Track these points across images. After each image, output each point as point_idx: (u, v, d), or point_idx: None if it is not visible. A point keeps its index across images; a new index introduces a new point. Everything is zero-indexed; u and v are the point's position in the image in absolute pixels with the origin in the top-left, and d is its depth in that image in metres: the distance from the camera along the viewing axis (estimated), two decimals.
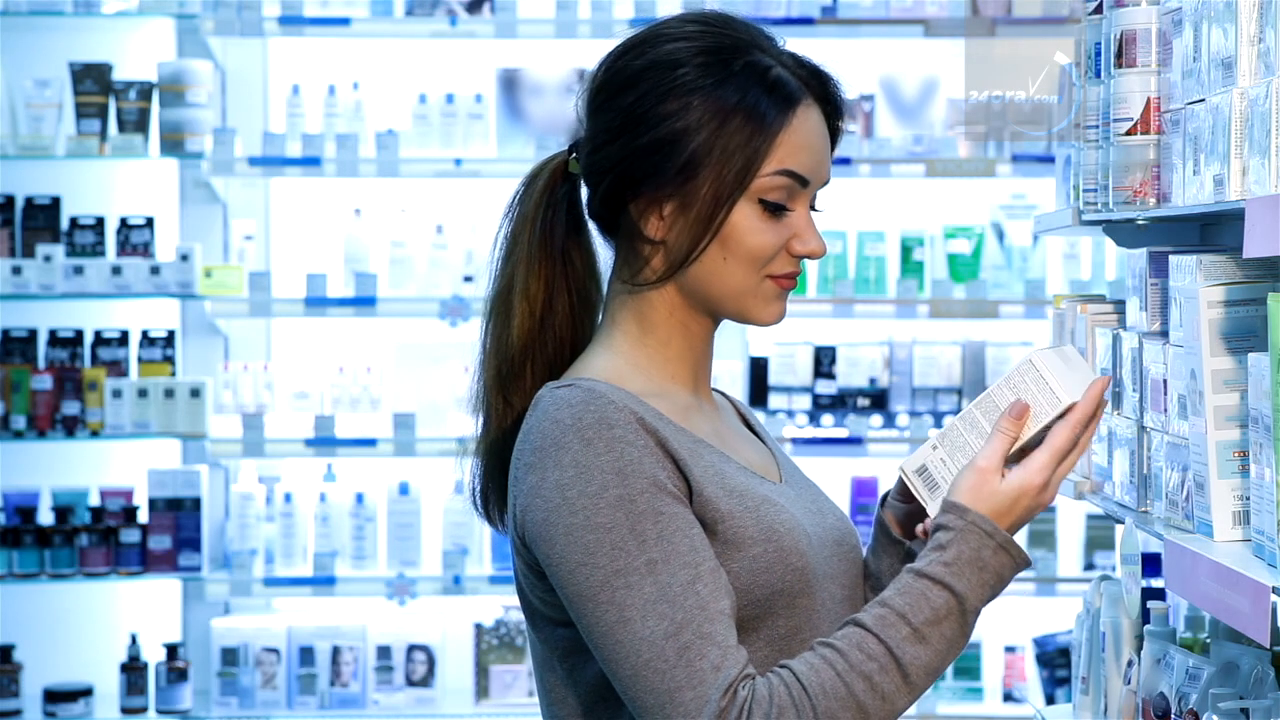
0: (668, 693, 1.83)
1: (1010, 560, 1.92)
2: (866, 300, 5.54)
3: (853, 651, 1.85)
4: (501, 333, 2.04)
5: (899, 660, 1.86)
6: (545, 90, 5.66)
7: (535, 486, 1.90)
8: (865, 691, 1.84)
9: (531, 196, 2.06)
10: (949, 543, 1.91)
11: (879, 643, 1.86)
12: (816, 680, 1.84)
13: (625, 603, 1.85)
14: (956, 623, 1.89)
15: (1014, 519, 1.94)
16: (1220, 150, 2.17)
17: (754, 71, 1.98)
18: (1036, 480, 1.94)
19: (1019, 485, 1.94)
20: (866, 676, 1.84)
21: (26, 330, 5.63)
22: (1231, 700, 2.31)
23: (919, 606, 1.88)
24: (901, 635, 1.86)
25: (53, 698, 5.45)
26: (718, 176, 1.96)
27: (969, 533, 1.91)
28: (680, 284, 2.01)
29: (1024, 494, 1.94)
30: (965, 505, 1.93)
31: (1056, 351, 2.00)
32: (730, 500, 1.93)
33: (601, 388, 1.92)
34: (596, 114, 2.02)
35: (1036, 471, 1.95)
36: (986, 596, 1.91)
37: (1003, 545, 1.92)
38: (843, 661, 1.85)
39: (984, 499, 1.93)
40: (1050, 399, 1.97)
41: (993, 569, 1.91)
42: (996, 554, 1.91)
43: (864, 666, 1.85)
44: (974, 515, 1.92)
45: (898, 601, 1.88)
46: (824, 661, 1.85)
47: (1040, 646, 5.43)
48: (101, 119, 5.59)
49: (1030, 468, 1.95)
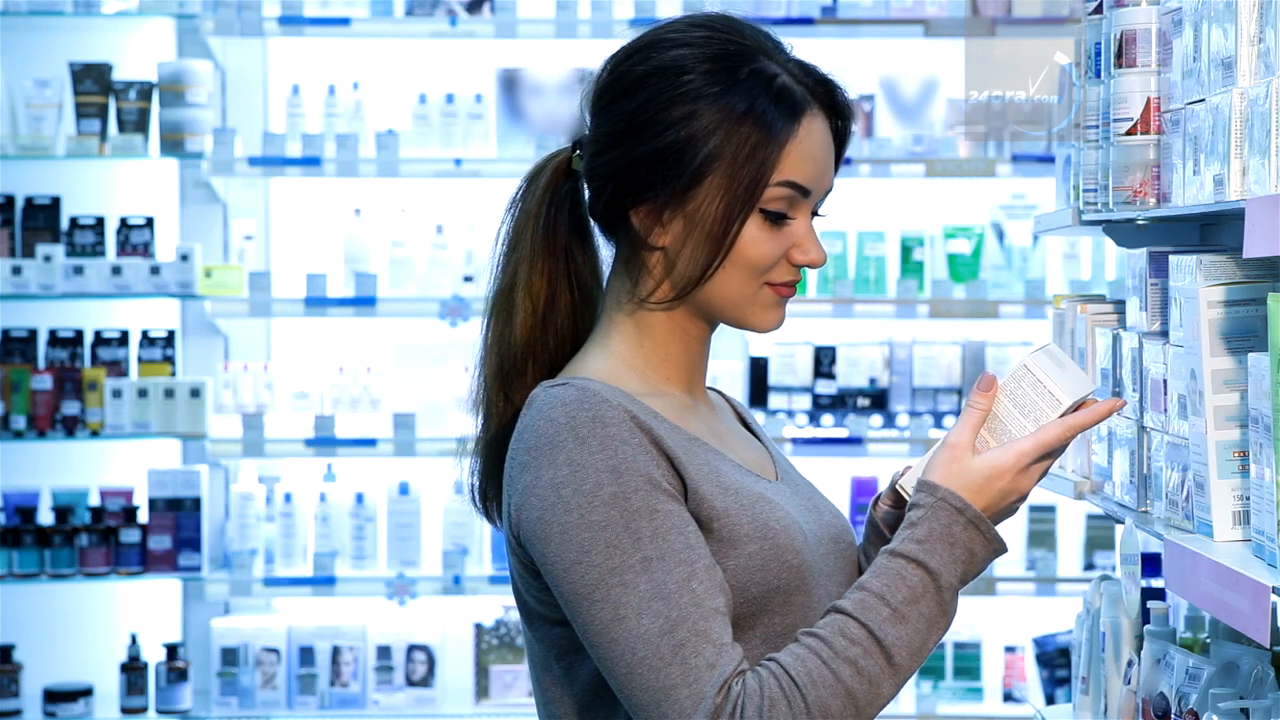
0: (663, 690, 1.83)
1: (980, 536, 1.91)
2: (866, 300, 5.54)
3: (836, 638, 1.85)
4: (504, 330, 2.04)
5: (881, 642, 1.85)
6: (545, 90, 5.66)
7: (530, 485, 1.90)
8: (852, 676, 1.84)
9: (534, 193, 2.06)
10: (920, 520, 1.91)
11: (860, 626, 1.86)
12: (804, 670, 1.84)
13: (620, 600, 1.85)
14: (934, 600, 1.88)
15: (989, 500, 1.93)
16: (1220, 150, 2.17)
17: (760, 80, 1.96)
18: (1010, 462, 1.93)
19: (992, 464, 1.93)
20: (852, 661, 1.84)
21: (26, 330, 5.63)
22: (1231, 700, 2.31)
23: (896, 587, 1.87)
24: (882, 617, 1.86)
25: (53, 698, 5.45)
26: (726, 190, 1.94)
27: (939, 509, 1.91)
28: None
29: (997, 474, 1.93)
30: (935, 482, 1.93)
31: (1044, 352, 2.00)
32: (725, 498, 1.93)
33: (596, 386, 1.92)
34: (599, 117, 2.01)
35: (1014, 454, 1.94)
36: (959, 573, 1.90)
37: (973, 521, 1.91)
38: (827, 649, 1.85)
39: (954, 475, 1.93)
40: (1050, 401, 1.97)
41: (963, 544, 1.90)
42: (966, 529, 1.90)
43: (848, 652, 1.84)
44: (944, 491, 1.91)
45: (874, 584, 1.88)
46: (809, 651, 1.85)
47: (1040, 646, 5.43)
48: (101, 119, 5.59)
49: (1009, 450, 1.94)
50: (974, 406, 1.97)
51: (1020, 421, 1.98)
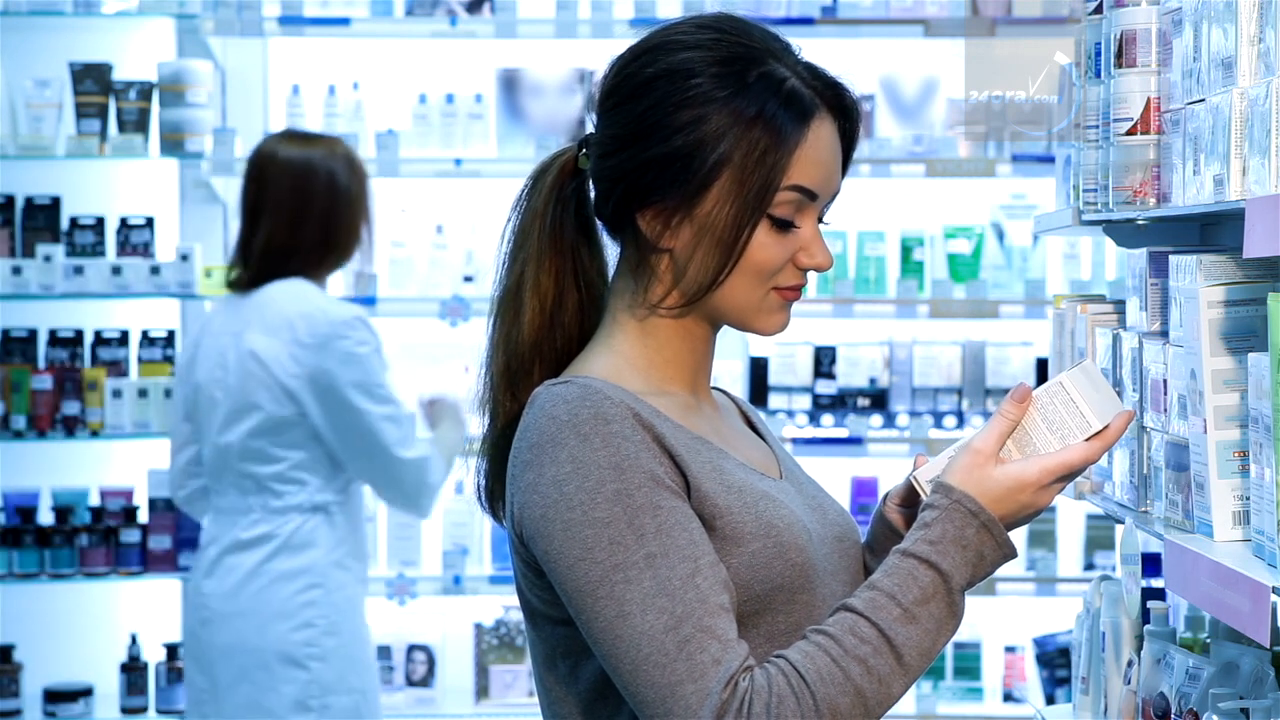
0: (669, 687, 1.82)
1: (992, 541, 1.91)
2: (866, 300, 5.54)
3: (846, 636, 1.85)
4: (511, 329, 2.03)
5: (892, 642, 1.85)
6: (545, 90, 5.66)
7: (532, 483, 1.90)
8: (861, 675, 1.83)
9: (540, 192, 2.05)
10: (934, 521, 1.90)
11: (871, 625, 1.85)
12: (813, 667, 1.83)
13: (624, 597, 1.84)
14: (944, 601, 1.88)
15: (1008, 510, 1.93)
16: (1220, 150, 2.17)
17: (769, 83, 1.95)
18: (1034, 477, 1.93)
19: (1016, 476, 1.93)
20: (862, 660, 1.84)
21: (26, 330, 5.63)
22: (1231, 700, 2.31)
23: (907, 586, 1.87)
24: (893, 616, 1.86)
25: (53, 698, 5.45)
26: (736, 195, 1.94)
27: (953, 511, 1.90)
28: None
29: (1020, 487, 1.93)
30: (953, 485, 1.92)
31: (1081, 370, 1.99)
32: (729, 496, 1.93)
33: (598, 384, 1.92)
34: (606, 118, 2.00)
35: (1039, 471, 1.93)
36: (968, 575, 1.90)
37: (986, 525, 1.90)
38: (837, 647, 1.84)
39: (975, 481, 1.92)
40: (1080, 422, 1.97)
41: (974, 548, 1.90)
42: (979, 533, 1.90)
43: (858, 650, 1.84)
44: (959, 494, 1.91)
45: (886, 583, 1.88)
46: (818, 648, 1.84)
47: (1040, 646, 5.43)
48: (101, 119, 5.59)
49: (1034, 465, 1.94)
50: (1004, 415, 1.96)
51: (1047, 437, 1.97)
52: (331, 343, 4.03)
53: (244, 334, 4.08)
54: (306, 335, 4.04)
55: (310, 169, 4.12)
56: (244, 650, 4.02)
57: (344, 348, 4.02)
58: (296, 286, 4.09)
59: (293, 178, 4.11)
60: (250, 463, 4.06)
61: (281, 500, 4.06)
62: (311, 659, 4.02)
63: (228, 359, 4.10)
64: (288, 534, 4.05)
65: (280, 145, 4.19)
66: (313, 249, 4.11)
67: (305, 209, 4.10)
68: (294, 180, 4.11)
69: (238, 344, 4.08)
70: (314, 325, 4.04)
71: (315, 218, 4.11)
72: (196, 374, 4.15)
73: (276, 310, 4.07)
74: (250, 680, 4.01)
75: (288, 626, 4.02)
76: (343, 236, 4.14)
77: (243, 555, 4.06)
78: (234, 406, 4.07)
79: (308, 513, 4.07)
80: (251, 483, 4.07)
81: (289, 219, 4.10)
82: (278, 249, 4.10)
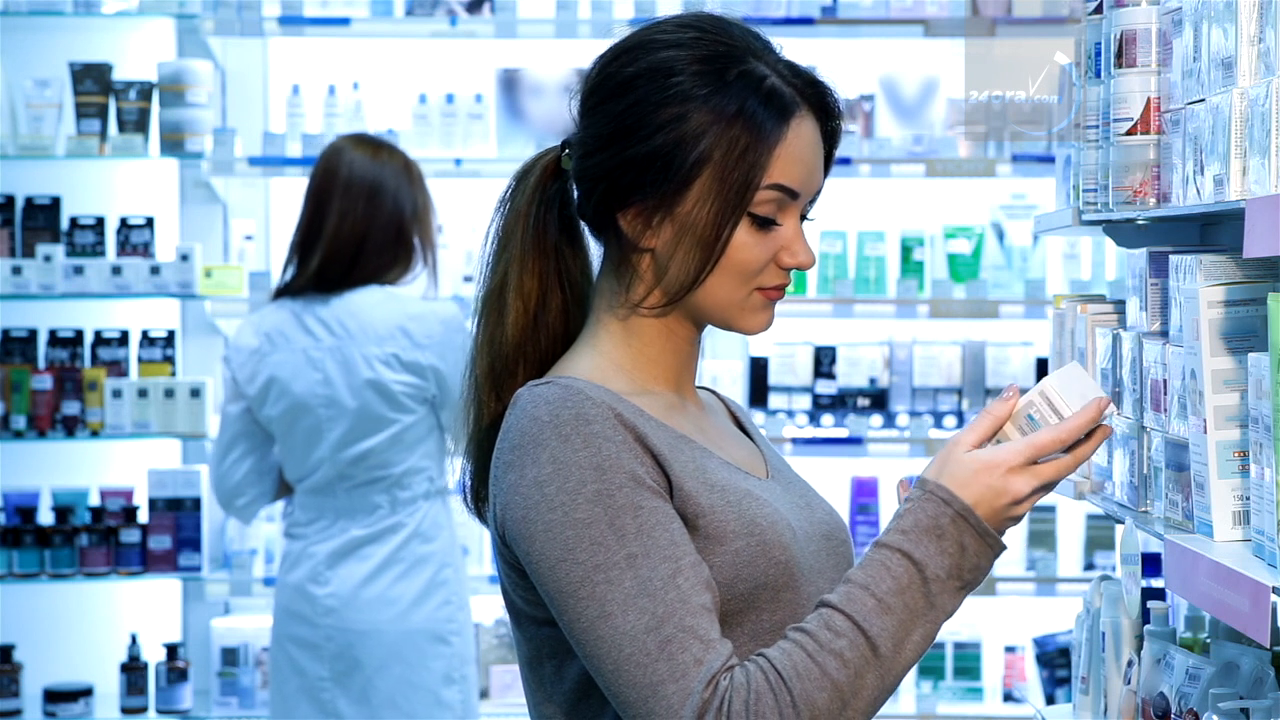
0: (650, 686, 1.82)
1: (971, 529, 1.87)
2: (866, 300, 5.54)
3: (821, 631, 1.84)
4: (495, 330, 2.04)
5: (866, 633, 1.83)
6: (545, 90, 5.67)
7: (514, 484, 1.90)
8: (838, 669, 1.82)
9: (524, 192, 2.05)
10: (906, 512, 1.89)
11: (845, 618, 1.84)
12: (790, 664, 1.82)
13: (606, 598, 1.84)
14: (919, 591, 1.85)
15: (976, 494, 1.87)
16: (1220, 150, 2.17)
17: (749, 81, 1.95)
18: (1000, 458, 1.88)
19: (984, 459, 1.89)
20: (837, 654, 1.83)
21: (26, 330, 5.63)
22: (1231, 700, 2.31)
23: (880, 577, 1.85)
24: (867, 608, 1.84)
25: (53, 698, 5.45)
26: (717, 193, 1.94)
27: (926, 500, 1.88)
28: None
29: (987, 469, 1.88)
30: (927, 477, 1.91)
31: (1063, 370, 1.99)
32: (711, 495, 1.92)
33: (580, 384, 1.92)
34: (587, 118, 2.01)
35: (1007, 452, 1.89)
36: (947, 565, 1.86)
37: (960, 513, 1.87)
38: (813, 642, 1.83)
39: (946, 471, 1.90)
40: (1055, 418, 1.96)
41: (951, 537, 1.86)
42: (955, 522, 1.86)
43: (833, 644, 1.83)
44: (932, 485, 1.89)
45: (860, 576, 1.86)
46: (795, 645, 1.84)
47: (1040, 646, 5.43)
48: (101, 119, 5.59)
49: (1001, 448, 1.90)
50: (988, 413, 1.94)
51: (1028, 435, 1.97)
52: (450, 337, 4.17)
53: (344, 348, 4.15)
54: (424, 338, 4.15)
55: (381, 180, 4.15)
56: (391, 634, 4.19)
57: (461, 341, 4.15)
58: (382, 293, 4.17)
59: (368, 187, 4.15)
60: (380, 468, 4.18)
61: (409, 491, 4.21)
62: (453, 634, 4.25)
63: (329, 372, 4.16)
64: (417, 522, 4.22)
65: (353, 152, 4.20)
66: (384, 258, 4.17)
67: (377, 218, 4.15)
68: (369, 189, 4.15)
69: (343, 359, 4.15)
70: (428, 327, 4.16)
71: (387, 228, 4.16)
72: (293, 389, 4.16)
73: (379, 319, 4.15)
74: (403, 660, 4.20)
75: (431, 606, 4.21)
76: (410, 247, 4.21)
77: (371, 548, 4.19)
78: (357, 422, 4.15)
79: (433, 498, 4.24)
80: (380, 483, 4.19)
81: (363, 228, 4.14)
82: (348, 257, 4.13)
